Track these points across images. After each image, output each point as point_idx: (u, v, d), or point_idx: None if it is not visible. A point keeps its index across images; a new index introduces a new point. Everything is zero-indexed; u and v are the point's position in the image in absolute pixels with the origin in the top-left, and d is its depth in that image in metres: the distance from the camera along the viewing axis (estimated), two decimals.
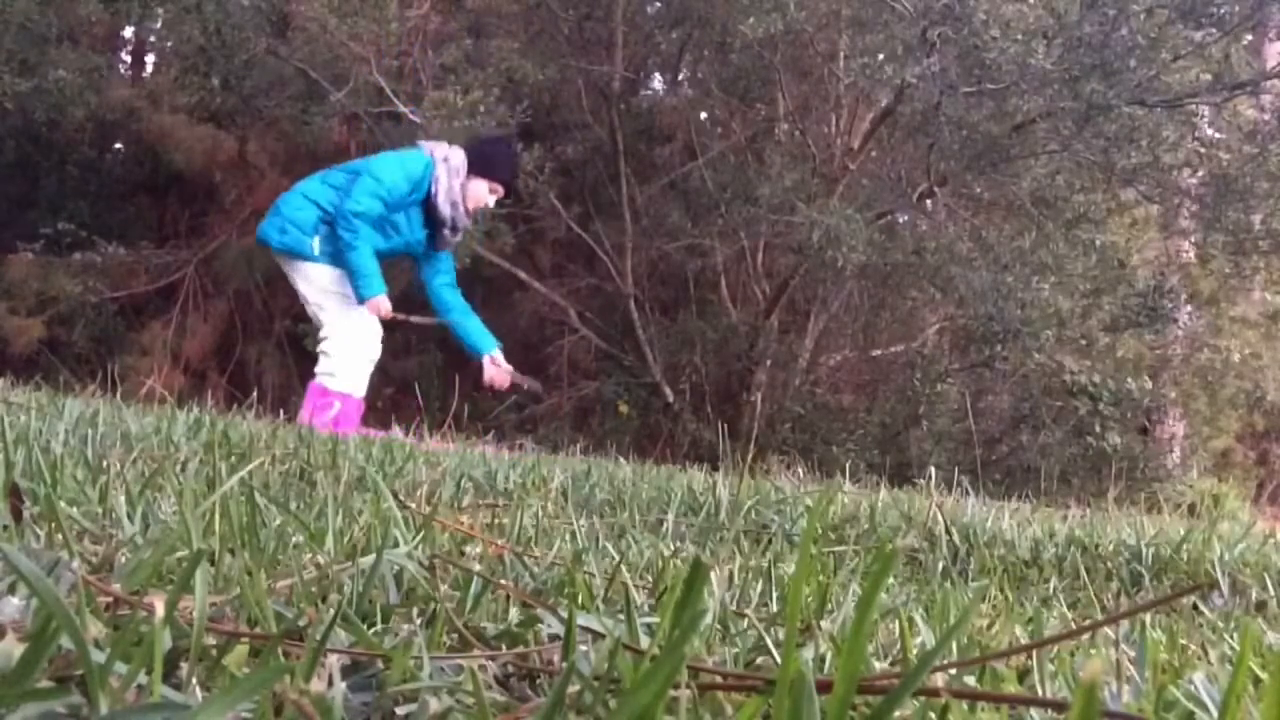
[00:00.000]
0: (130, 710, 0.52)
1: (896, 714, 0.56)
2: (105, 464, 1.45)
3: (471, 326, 5.36)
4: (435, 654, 0.70)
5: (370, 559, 0.86)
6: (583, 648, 0.73)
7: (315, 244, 4.90)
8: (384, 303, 4.93)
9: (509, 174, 5.21)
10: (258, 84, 9.56)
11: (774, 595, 1.13)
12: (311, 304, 5.02)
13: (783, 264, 9.86)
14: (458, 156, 5.02)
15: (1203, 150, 8.90)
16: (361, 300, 4.88)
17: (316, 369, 4.95)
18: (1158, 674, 0.84)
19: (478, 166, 5.03)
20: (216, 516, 0.98)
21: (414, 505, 1.32)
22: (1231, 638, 1.20)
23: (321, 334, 5.01)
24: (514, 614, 0.86)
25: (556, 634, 0.77)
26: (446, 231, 5.10)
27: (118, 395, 2.97)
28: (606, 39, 9.92)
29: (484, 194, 5.05)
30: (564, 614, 0.74)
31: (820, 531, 1.82)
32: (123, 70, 12.96)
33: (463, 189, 4.98)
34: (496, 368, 5.21)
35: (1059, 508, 3.41)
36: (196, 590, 0.63)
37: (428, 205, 4.98)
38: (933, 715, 0.63)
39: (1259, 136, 8.74)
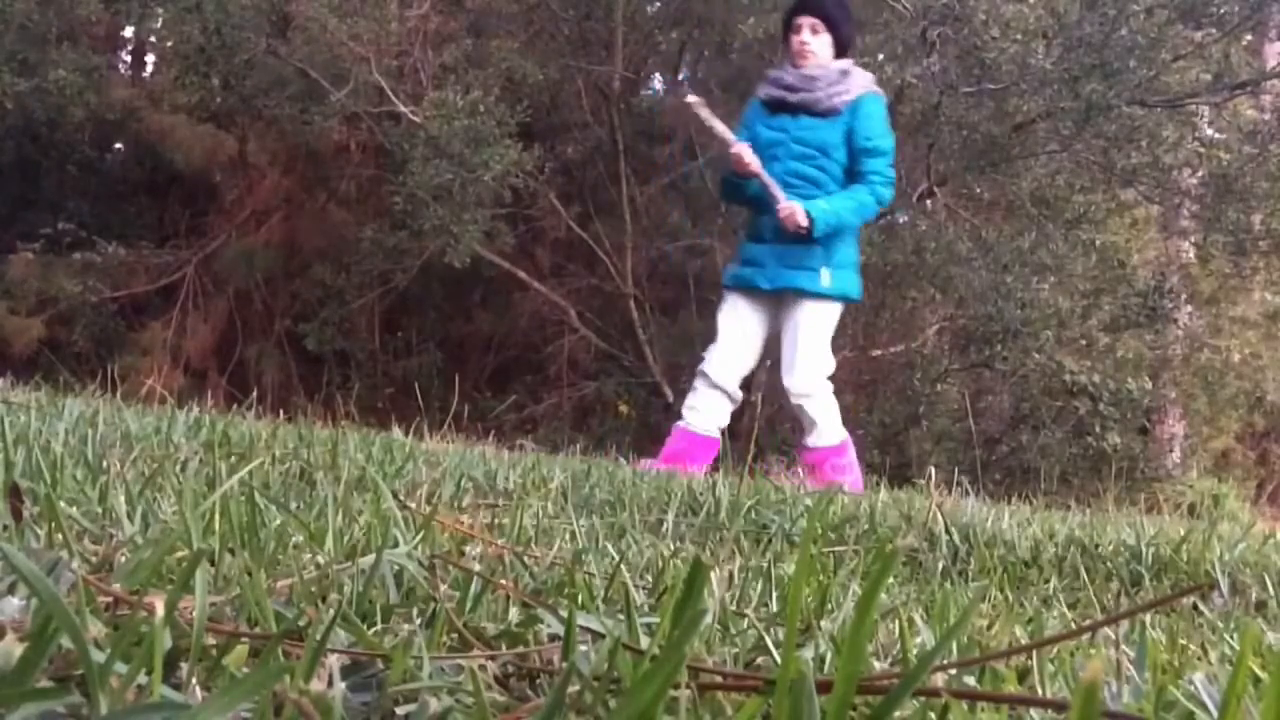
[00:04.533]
0: (130, 710, 0.52)
1: (896, 714, 0.56)
2: (105, 464, 1.45)
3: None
4: (435, 654, 0.70)
5: (370, 559, 0.86)
6: (583, 648, 0.73)
7: (825, 276, 4.07)
8: None
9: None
10: (258, 84, 9.56)
11: (774, 595, 1.13)
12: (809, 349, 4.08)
13: None
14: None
15: (1203, 150, 8.91)
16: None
17: (811, 438, 4.09)
18: (1158, 674, 0.84)
19: None
20: (216, 516, 0.98)
21: (414, 505, 1.32)
22: (1231, 638, 1.20)
23: (806, 386, 4.09)
24: (514, 614, 0.86)
25: (556, 634, 0.77)
26: None
27: (118, 395, 2.97)
28: (606, 39, 9.92)
29: None
30: (564, 614, 0.74)
31: (820, 531, 1.82)
32: (123, 70, 12.96)
33: None
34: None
35: (1059, 508, 3.41)
36: (196, 590, 0.63)
37: None
38: (933, 715, 0.63)
39: (1259, 136, 8.74)
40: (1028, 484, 7.44)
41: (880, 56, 8.90)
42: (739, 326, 4.23)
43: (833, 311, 4.13)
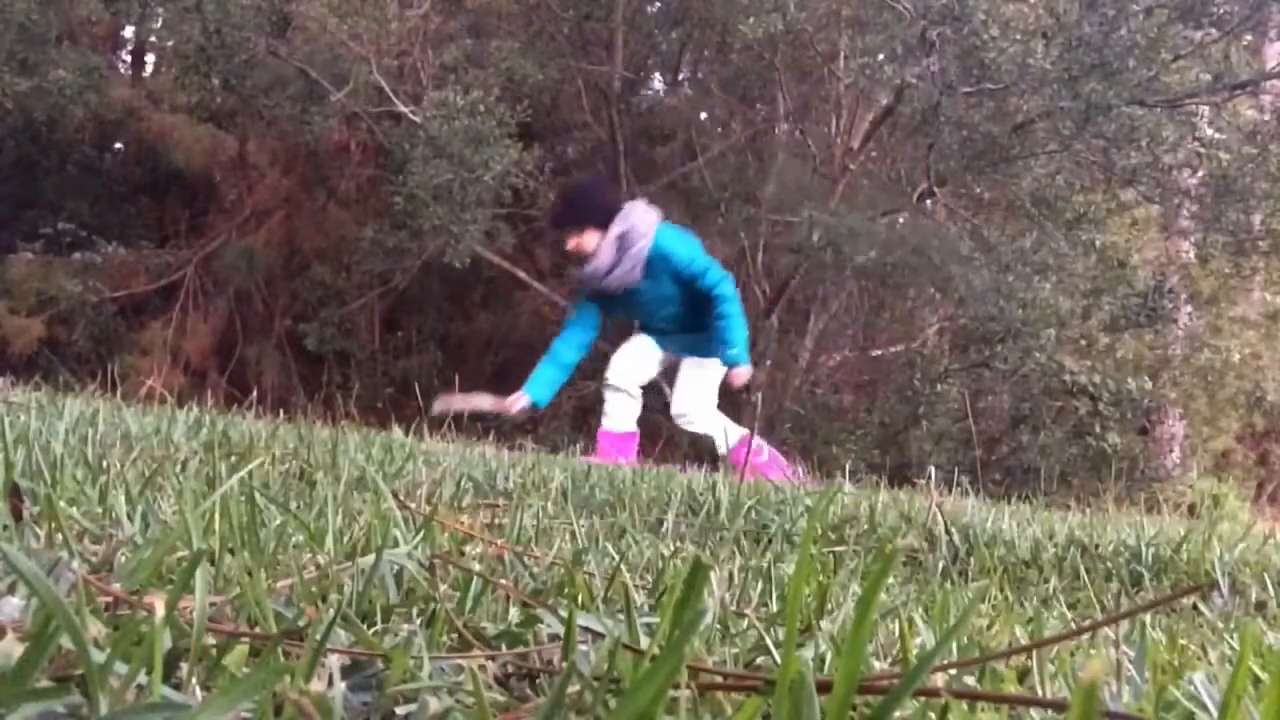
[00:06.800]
0: (130, 710, 0.52)
1: (896, 714, 0.56)
2: (105, 464, 1.45)
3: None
4: (435, 654, 0.70)
5: (370, 559, 0.86)
6: (583, 648, 0.73)
7: None
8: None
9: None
10: (258, 84, 9.55)
11: (774, 595, 1.13)
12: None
13: (783, 264, 9.86)
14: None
15: (1203, 150, 8.91)
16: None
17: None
18: (1158, 674, 0.84)
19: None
20: (216, 516, 0.98)
21: (414, 505, 1.32)
22: (1231, 638, 1.20)
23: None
24: (514, 614, 0.86)
25: (556, 634, 0.77)
26: None
27: (118, 395, 2.97)
28: (606, 39, 9.93)
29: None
30: (564, 614, 0.74)
31: (820, 531, 1.82)
32: (123, 70, 12.94)
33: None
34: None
35: (1059, 508, 3.41)
36: (196, 590, 0.63)
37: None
38: (933, 715, 0.63)
39: (1259, 136, 8.75)
40: (1028, 484, 7.44)
41: (880, 56, 8.90)
42: None
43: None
